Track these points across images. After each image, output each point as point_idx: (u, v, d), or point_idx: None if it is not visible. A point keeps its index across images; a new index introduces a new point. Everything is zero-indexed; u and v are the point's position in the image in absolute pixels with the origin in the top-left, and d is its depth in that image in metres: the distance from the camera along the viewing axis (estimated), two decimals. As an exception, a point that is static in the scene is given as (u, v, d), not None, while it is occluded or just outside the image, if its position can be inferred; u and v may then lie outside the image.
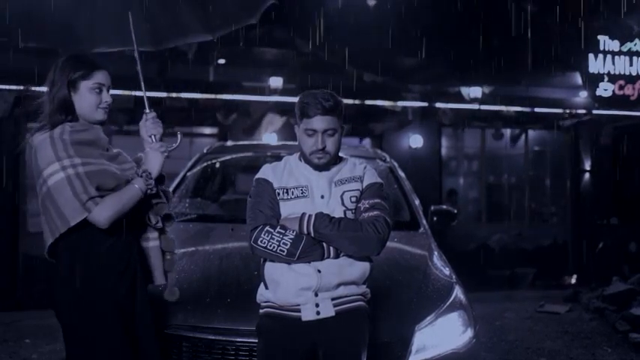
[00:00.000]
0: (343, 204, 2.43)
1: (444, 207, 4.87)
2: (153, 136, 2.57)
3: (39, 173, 2.30)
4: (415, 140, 10.27)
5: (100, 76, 2.43)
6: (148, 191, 2.45)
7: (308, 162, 2.46)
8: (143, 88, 2.72)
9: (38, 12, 2.82)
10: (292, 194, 2.42)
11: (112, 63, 2.57)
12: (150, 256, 2.58)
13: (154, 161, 2.52)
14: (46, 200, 2.29)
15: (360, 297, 2.43)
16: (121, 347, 2.35)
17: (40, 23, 2.87)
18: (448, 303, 3.02)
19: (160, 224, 2.57)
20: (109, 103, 2.46)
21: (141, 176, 2.44)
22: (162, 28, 2.98)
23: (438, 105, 9.52)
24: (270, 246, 2.33)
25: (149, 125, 2.58)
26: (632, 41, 9.28)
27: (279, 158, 2.60)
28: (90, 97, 2.41)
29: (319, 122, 2.39)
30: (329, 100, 2.39)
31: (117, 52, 2.99)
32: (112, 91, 2.51)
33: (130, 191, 2.38)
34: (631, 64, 9.33)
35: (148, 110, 2.62)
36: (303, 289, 2.34)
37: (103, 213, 2.28)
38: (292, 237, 2.33)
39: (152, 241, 2.58)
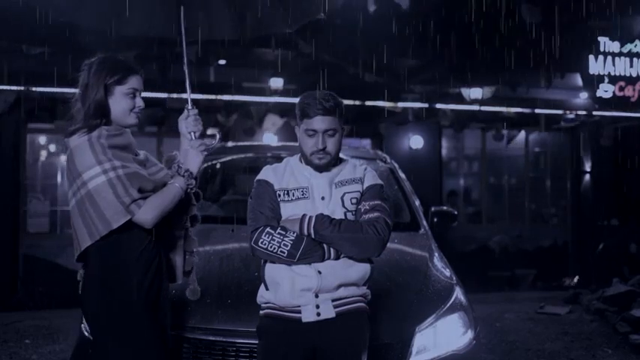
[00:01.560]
0: (343, 205, 2.43)
1: (445, 208, 4.86)
2: (192, 133, 2.56)
3: (76, 176, 2.29)
4: (415, 141, 10.26)
5: (135, 81, 2.43)
6: (188, 190, 2.46)
7: (309, 163, 2.46)
8: (188, 84, 2.67)
9: None
10: (293, 195, 2.42)
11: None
12: (174, 255, 2.58)
13: (194, 160, 2.51)
14: (85, 203, 2.27)
15: (360, 298, 2.43)
16: (159, 350, 2.36)
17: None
18: (448, 304, 3.03)
19: (187, 224, 2.57)
20: (142, 107, 2.46)
21: (183, 175, 2.44)
22: (192, 20, 2.92)
23: (439, 106, 9.50)
24: (271, 247, 2.33)
25: (190, 122, 2.57)
26: (632, 42, 9.26)
27: (279, 159, 2.60)
28: (124, 102, 2.41)
29: (320, 122, 2.39)
30: (329, 101, 2.40)
31: (119, 53, 2.98)
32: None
33: (172, 190, 2.39)
34: (631, 66, 9.30)
35: (190, 107, 2.60)
36: (303, 290, 2.34)
37: (149, 214, 2.29)
38: (293, 238, 2.33)
39: (178, 241, 2.58)
